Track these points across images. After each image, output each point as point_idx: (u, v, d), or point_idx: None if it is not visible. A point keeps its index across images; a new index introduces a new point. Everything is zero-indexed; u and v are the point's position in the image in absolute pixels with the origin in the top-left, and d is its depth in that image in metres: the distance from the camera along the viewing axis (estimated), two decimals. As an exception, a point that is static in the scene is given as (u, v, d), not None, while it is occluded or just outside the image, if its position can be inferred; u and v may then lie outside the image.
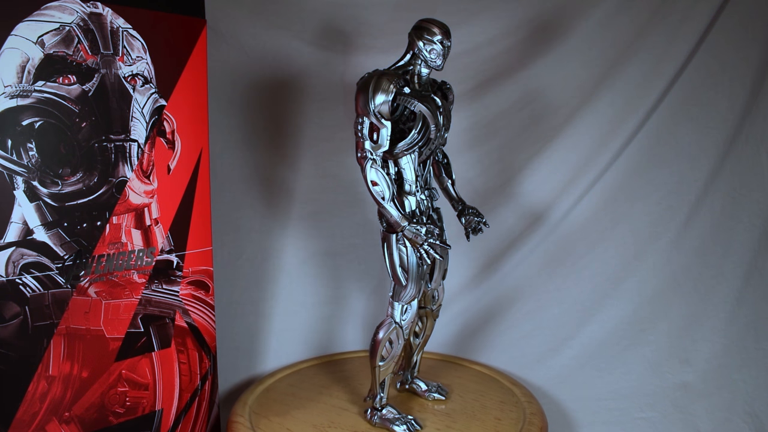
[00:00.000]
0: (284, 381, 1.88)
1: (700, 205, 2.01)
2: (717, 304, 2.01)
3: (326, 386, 1.82)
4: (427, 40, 1.47)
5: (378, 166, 1.41)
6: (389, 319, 1.53)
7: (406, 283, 1.48)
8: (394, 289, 1.52)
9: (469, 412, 1.64)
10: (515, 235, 2.13)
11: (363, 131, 1.42)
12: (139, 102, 1.45)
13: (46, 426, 1.37)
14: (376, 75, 1.43)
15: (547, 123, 2.08)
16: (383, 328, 1.53)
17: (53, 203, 1.34)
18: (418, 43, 1.47)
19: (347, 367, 1.98)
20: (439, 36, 1.46)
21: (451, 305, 2.17)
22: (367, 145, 1.41)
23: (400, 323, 1.52)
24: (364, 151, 1.42)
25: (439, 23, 1.48)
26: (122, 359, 1.49)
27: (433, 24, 1.48)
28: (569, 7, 2.02)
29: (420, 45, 1.47)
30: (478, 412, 1.65)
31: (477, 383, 1.85)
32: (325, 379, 1.88)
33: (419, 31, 1.48)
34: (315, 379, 1.88)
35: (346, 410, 1.66)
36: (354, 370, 1.94)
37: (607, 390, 2.05)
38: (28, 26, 1.27)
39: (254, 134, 2.08)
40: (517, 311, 2.15)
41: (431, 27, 1.47)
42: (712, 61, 1.94)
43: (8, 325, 1.29)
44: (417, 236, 1.41)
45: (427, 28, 1.47)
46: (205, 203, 1.63)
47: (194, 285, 1.63)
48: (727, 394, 1.97)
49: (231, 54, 1.96)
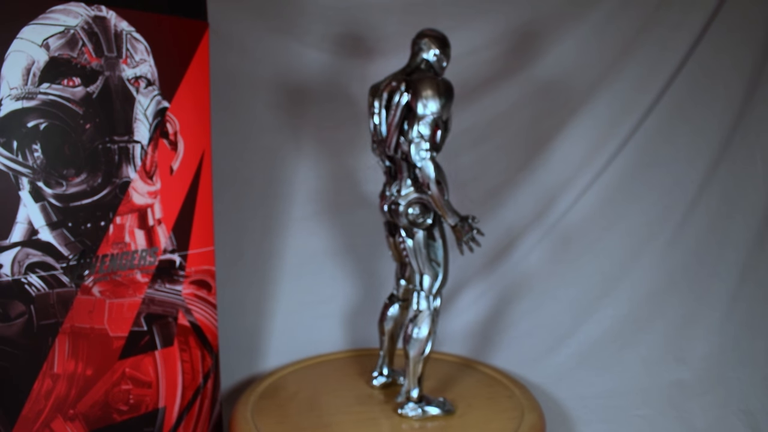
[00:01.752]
0: (286, 379, 1.89)
1: (695, 205, 2.03)
2: (712, 303, 2.04)
3: (328, 384, 1.84)
4: (447, 55, 1.58)
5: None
6: (426, 312, 1.59)
7: (442, 274, 1.58)
8: (427, 283, 1.58)
9: (467, 410, 1.66)
10: (514, 234, 2.14)
11: (433, 132, 1.47)
12: (143, 104, 1.47)
13: (51, 423, 1.38)
14: (447, 80, 1.51)
15: (545, 124, 2.10)
16: (425, 323, 1.58)
17: (58, 204, 1.35)
18: (438, 54, 1.57)
19: (348, 365, 1.99)
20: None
21: (450, 305, 2.19)
22: (431, 145, 1.47)
23: (438, 313, 1.60)
24: (431, 150, 1.47)
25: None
26: (126, 357, 1.50)
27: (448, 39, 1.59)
28: (567, 10, 2.04)
29: (439, 55, 1.57)
30: (476, 410, 1.66)
31: (475, 381, 1.86)
32: (326, 378, 1.89)
33: (445, 46, 1.58)
34: (317, 378, 1.90)
35: (347, 409, 1.68)
36: (355, 368, 1.96)
37: (604, 388, 2.07)
38: (33, 29, 1.28)
39: (256, 135, 2.10)
40: (515, 310, 2.17)
41: (449, 43, 1.59)
42: (708, 63, 1.97)
43: (13, 324, 1.31)
44: (465, 228, 1.47)
45: (449, 45, 1.59)
46: (208, 203, 1.64)
47: (197, 284, 1.65)
48: (722, 392, 1.99)
49: (233, 56, 1.97)
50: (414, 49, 1.59)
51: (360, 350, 2.13)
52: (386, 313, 1.78)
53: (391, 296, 1.80)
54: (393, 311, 1.77)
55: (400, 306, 1.76)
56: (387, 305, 1.78)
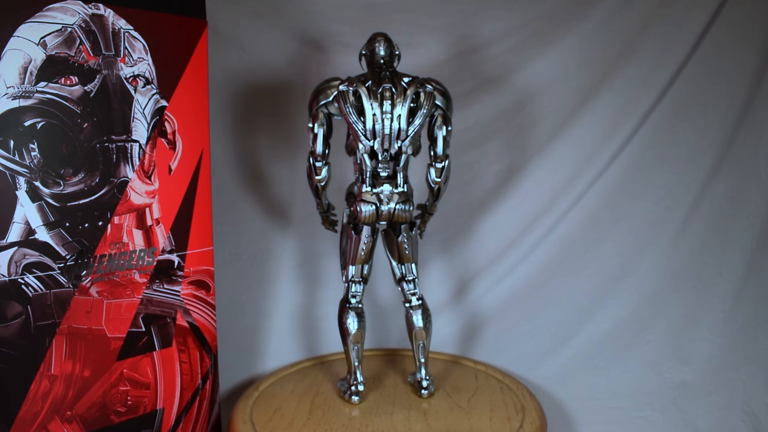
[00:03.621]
0: (285, 380, 1.88)
1: (698, 205, 2.02)
2: (715, 304, 2.02)
3: (326, 386, 1.83)
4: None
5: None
6: (425, 303, 1.69)
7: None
8: (416, 270, 1.69)
9: (469, 410, 1.65)
10: (515, 234, 2.13)
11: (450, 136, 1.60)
12: (141, 103, 1.46)
13: (48, 425, 1.37)
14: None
15: (547, 123, 2.09)
16: (430, 314, 1.70)
17: (55, 203, 1.34)
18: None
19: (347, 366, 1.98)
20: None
21: (451, 305, 2.19)
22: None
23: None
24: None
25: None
26: (124, 358, 1.49)
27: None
28: (568, 8, 2.03)
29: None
30: (478, 410, 1.65)
31: (477, 382, 1.85)
32: (325, 379, 1.88)
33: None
34: (315, 379, 1.89)
35: (347, 410, 1.67)
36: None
37: (606, 389, 2.06)
38: (30, 27, 1.28)
39: (255, 135, 2.09)
40: (517, 311, 2.16)
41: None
42: (710, 61, 1.95)
43: (10, 325, 1.30)
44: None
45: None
46: (206, 203, 1.63)
47: (195, 285, 1.64)
48: (725, 393, 1.98)
49: (232, 55, 1.97)
50: (390, 48, 1.62)
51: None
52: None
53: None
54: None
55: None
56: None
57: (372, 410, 1.65)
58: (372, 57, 1.62)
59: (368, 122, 1.54)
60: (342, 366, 1.97)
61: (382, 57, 1.60)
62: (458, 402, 1.70)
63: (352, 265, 1.65)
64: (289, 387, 1.83)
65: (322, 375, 1.92)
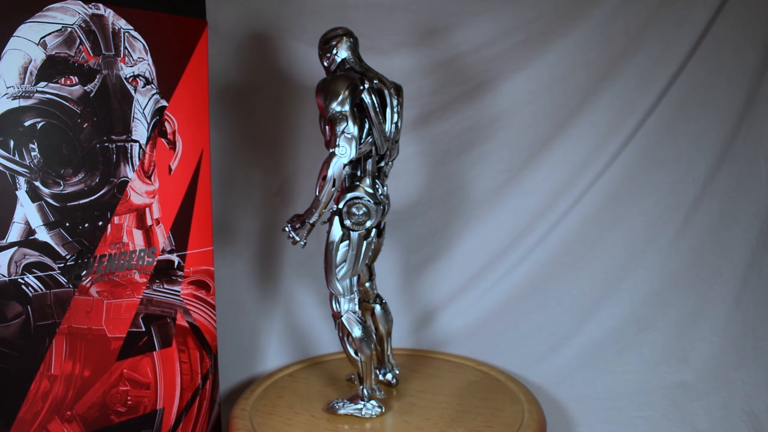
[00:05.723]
0: (285, 380, 1.88)
1: (698, 206, 2.02)
2: (715, 304, 2.02)
3: (326, 386, 1.83)
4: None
5: None
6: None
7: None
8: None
9: (469, 410, 1.65)
10: (515, 234, 2.13)
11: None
12: (141, 103, 1.46)
13: (48, 425, 1.37)
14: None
15: (547, 123, 2.09)
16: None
17: (55, 203, 1.34)
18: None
19: (347, 366, 1.98)
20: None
21: (452, 305, 2.19)
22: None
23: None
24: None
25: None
26: (124, 358, 1.50)
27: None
28: (568, 9, 2.02)
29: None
30: (478, 410, 1.65)
31: (476, 382, 1.85)
32: (325, 379, 1.88)
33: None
34: (315, 379, 1.89)
35: (347, 409, 1.67)
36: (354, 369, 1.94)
37: (606, 389, 2.06)
38: (30, 27, 1.28)
39: (255, 134, 2.09)
40: (517, 311, 2.15)
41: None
42: (710, 62, 1.95)
43: (10, 325, 1.30)
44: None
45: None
46: (206, 203, 1.63)
47: (195, 285, 1.64)
48: (725, 394, 1.98)
49: (231, 55, 1.97)
50: (358, 49, 1.55)
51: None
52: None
53: (361, 301, 1.69)
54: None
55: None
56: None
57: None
58: (354, 53, 1.51)
59: (387, 122, 1.48)
60: (341, 366, 1.97)
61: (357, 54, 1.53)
62: (458, 402, 1.70)
63: (353, 276, 1.54)
64: (289, 387, 1.83)
65: (321, 375, 1.92)
